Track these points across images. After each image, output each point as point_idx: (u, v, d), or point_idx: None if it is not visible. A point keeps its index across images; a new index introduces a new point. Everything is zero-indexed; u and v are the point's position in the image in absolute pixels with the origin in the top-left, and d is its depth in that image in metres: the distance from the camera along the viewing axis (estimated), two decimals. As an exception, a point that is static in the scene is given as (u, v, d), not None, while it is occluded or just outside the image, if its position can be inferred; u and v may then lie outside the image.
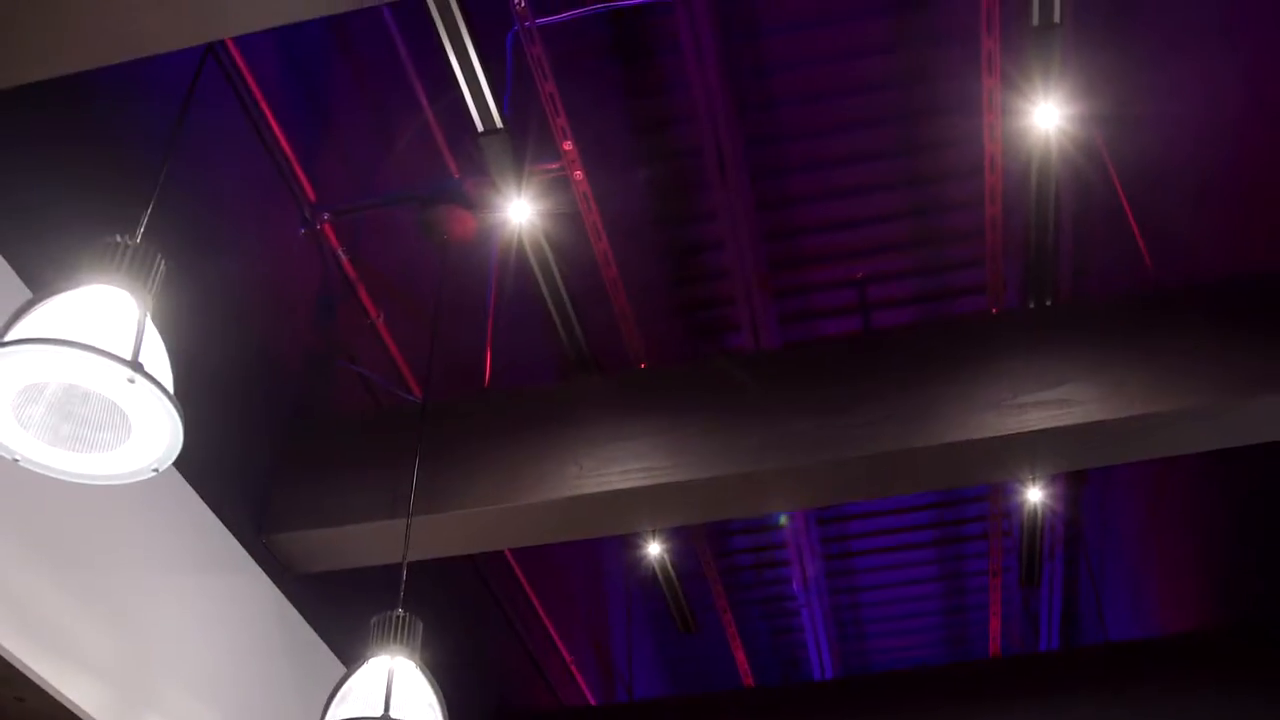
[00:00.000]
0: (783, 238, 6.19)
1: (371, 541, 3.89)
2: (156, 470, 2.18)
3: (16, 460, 2.12)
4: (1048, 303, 4.47)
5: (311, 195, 4.31)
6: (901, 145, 5.75)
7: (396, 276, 4.81)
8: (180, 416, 2.08)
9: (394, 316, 4.67)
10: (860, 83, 5.55)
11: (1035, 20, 3.43)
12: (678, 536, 6.73)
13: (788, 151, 5.83)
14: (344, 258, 4.44)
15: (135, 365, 2.02)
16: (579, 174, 4.46)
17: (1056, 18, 3.40)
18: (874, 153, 5.82)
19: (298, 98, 4.36)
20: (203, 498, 3.56)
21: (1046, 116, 3.92)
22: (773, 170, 5.88)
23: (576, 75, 5.13)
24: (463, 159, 4.83)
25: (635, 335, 5.30)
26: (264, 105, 3.99)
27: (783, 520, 3.70)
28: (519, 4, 4.07)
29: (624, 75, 5.47)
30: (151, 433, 2.13)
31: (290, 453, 4.08)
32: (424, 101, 4.78)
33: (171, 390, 2.09)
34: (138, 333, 2.10)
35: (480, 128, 3.77)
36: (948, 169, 5.75)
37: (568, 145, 4.36)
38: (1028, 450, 3.64)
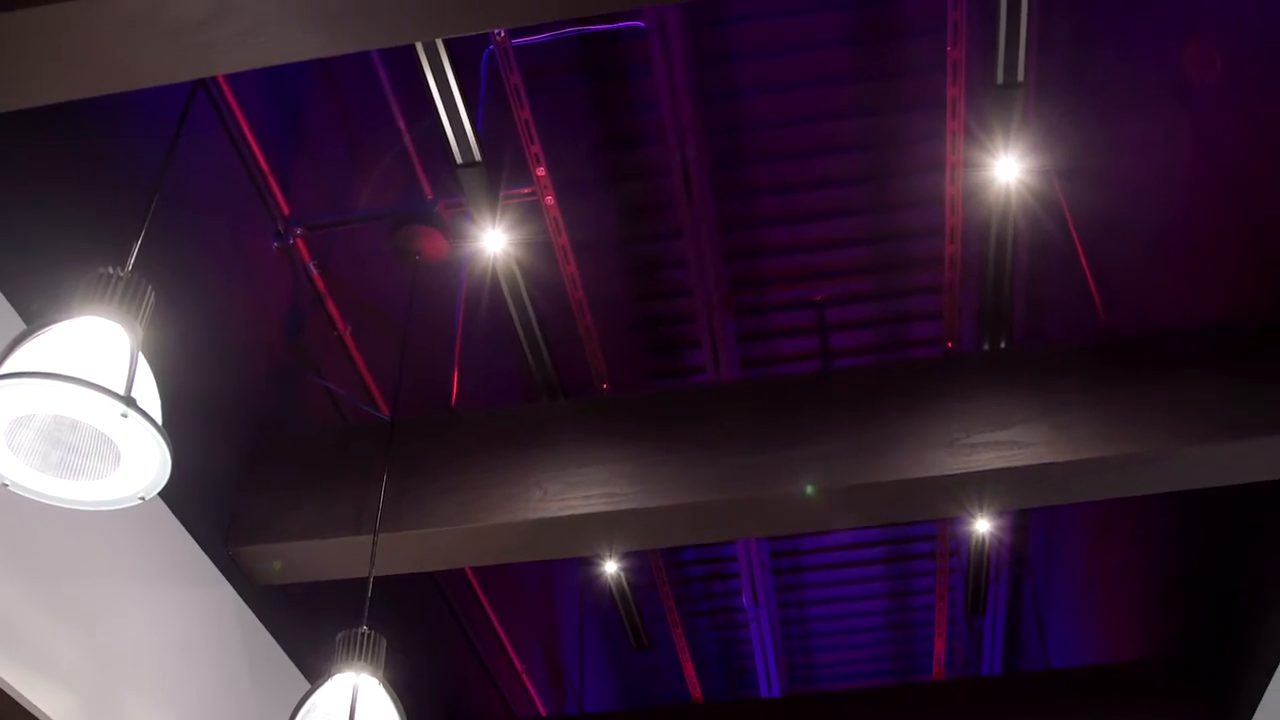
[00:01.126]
0: (745, 258, 6.29)
1: (337, 556, 3.94)
2: (143, 499, 2.24)
3: (6, 485, 2.17)
4: (1002, 345, 4.59)
5: (286, 210, 4.35)
6: (865, 172, 5.86)
7: (367, 295, 4.86)
8: (169, 449, 2.15)
9: (363, 335, 4.72)
10: (827, 109, 5.67)
11: (999, 79, 3.54)
12: (632, 550, 6.80)
13: (753, 174, 5.93)
14: (315, 272, 4.48)
15: (128, 400, 2.09)
16: (550, 199, 4.54)
17: (1020, 77, 3.51)
18: (838, 178, 5.93)
19: (278, 117, 4.40)
20: (170, 508, 3.60)
21: (1007, 170, 4.03)
22: (738, 191, 5.98)
23: (550, 98, 5.20)
24: (436, 181, 4.89)
25: (598, 354, 5.38)
26: (244, 124, 4.03)
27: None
28: (499, 34, 4.14)
29: (595, 97, 5.55)
30: (139, 462, 2.19)
31: (258, 466, 4.12)
32: (401, 123, 4.84)
33: (160, 422, 2.15)
34: (130, 366, 2.16)
35: (459, 160, 3.84)
36: (910, 198, 5.87)
37: (540, 171, 4.43)
38: (977, 488, 3.74)
